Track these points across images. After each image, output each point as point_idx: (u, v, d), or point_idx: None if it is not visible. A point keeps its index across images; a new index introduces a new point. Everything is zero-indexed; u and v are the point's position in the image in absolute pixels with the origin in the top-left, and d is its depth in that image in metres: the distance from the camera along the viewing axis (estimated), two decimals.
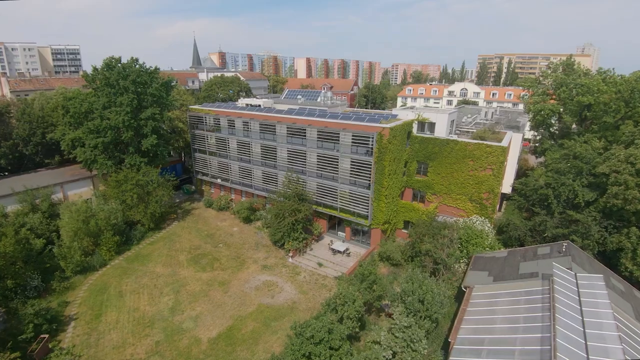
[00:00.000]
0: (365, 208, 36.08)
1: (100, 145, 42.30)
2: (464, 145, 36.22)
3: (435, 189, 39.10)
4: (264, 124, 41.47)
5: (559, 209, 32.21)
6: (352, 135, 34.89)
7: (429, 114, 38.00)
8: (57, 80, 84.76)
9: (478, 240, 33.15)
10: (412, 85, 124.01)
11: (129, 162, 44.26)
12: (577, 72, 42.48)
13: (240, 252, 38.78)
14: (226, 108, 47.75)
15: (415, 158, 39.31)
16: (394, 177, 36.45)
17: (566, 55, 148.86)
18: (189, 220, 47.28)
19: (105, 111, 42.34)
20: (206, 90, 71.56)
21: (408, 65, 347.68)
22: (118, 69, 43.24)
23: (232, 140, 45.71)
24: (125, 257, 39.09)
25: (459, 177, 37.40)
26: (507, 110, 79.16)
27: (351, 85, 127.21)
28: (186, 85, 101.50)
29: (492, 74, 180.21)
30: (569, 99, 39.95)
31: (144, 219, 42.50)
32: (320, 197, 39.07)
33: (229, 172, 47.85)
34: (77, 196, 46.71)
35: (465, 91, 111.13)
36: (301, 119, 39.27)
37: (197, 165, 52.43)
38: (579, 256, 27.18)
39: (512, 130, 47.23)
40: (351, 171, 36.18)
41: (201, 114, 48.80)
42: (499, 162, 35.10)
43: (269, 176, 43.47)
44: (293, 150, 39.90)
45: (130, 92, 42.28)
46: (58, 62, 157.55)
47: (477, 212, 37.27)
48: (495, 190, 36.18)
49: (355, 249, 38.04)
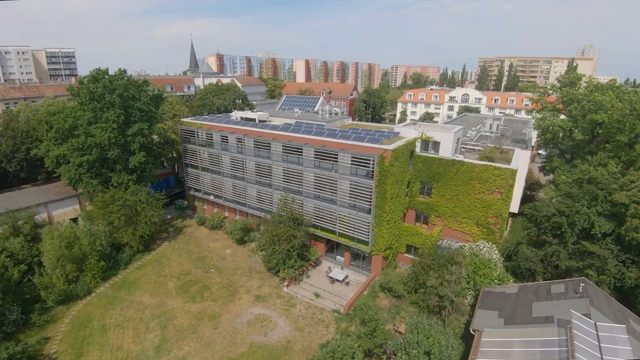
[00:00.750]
0: (366, 234, 33.88)
1: (85, 163, 40.03)
2: (470, 167, 34.05)
3: (440, 211, 36.93)
4: (259, 141, 39.25)
5: (573, 239, 30.02)
6: (351, 157, 32.69)
7: (433, 132, 35.81)
8: (48, 87, 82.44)
9: (486, 270, 30.97)
10: (413, 90, 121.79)
11: (116, 180, 42.02)
12: (588, 85, 40.32)
13: (233, 279, 36.54)
14: (219, 122, 45.51)
15: (419, 178, 37.13)
16: (396, 200, 34.26)
17: (567, 58, 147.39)
18: (180, 240, 45.05)
19: (91, 127, 40.09)
20: (201, 99, 69.27)
21: (408, 67, 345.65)
22: (104, 82, 40.95)
23: (225, 156, 43.48)
24: (112, 283, 36.89)
25: (465, 200, 35.23)
26: (511, 119, 77.08)
27: (350, 90, 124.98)
28: (182, 91, 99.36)
29: (492, 77, 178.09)
30: (581, 116, 37.80)
31: (132, 241, 40.27)
32: (318, 219, 36.87)
33: (222, 189, 45.63)
34: (64, 215, 44.54)
35: (466, 97, 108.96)
36: (297, 137, 37.07)
37: (190, 181, 50.17)
38: (596, 297, 24.99)
39: (519, 146, 45.28)
40: (350, 194, 33.98)
41: (193, 127, 46.53)
42: (508, 185, 32.93)
43: (263, 195, 41.25)
44: (289, 169, 37.69)
45: (116, 106, 39.99)
46: (53, 66, 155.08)
47: (484, 237, 35.12)
48: (503, 215, 34.03)
49: (354, 277, 35.84)
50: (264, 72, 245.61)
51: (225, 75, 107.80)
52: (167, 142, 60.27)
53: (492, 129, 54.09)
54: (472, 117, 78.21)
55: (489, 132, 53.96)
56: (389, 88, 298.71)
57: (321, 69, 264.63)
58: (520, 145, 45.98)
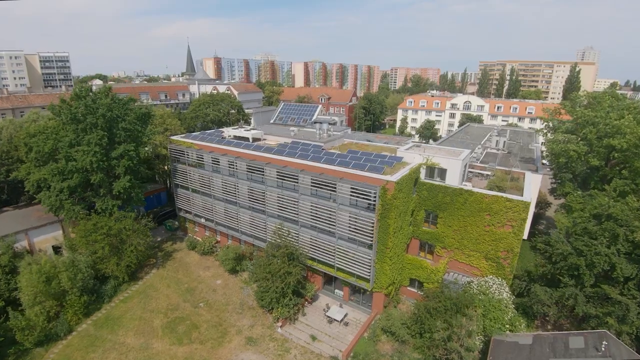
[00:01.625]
0: (367, 270, 31.32)
1: (66, 189, 37.42)
2: (480, 197, 31.49)
3: (446, 242, 34.37)
4: (252, 165, 36.66)
5: (591, 281, 27.54)
6: (350, 187, 30.12)
7: (439, 158, 33.26)
8: (37, 97, 79.73)
9: (497, 313, 28.46)
10: (413, 96, 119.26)
11: (100, 206, 39.46)
12: (603, 105, 37.82)
13: (223, 317, 33.95)
14: (210, 141, 42.91)
15: (423, 207, 34.58)
16: (399, 233, 31.72)
17: (570, 63, 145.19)
18: (169, 267, 42.47)
19: (72, 150, 37.51)
20: (194, 110, 66.62)
21: (407, 69, 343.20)
22: (86, 101, 38.35)
23: (216, 178, 40.89)
24: (95, 319, 34.37)
25: (473, 232, 32.68)
26: (516, 130, 74.75)
27: (349, 96, 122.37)
28: (176, 98, 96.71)
29: (494, 81, 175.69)
30: (597, 138, 35.31)
31: (117, 271, 37.66)
32: (315, 251, 34.31)
33: (213, 213, 43.03)
34: (46, 242, 41.96)
35: (468, 104, 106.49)
36: (293, 162, 34.54)
37: (180, 202, 47.56)
38: (619, 354, 22.49)
39: (528, 167, 42.85)
40: (350, 226, 31.41)
41: (183, 147, 43.95)
42: (520, 219, 30.37)
43: (256, 222, 38.67)
44: (284, 196, 35.12)
45: (99, 128, 37.40)
46: (47, 70, 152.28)
47: (493, 271, 32.58)
48: (514, 250, 31.45)
49: (354, 315, 33.29)
50: (262, 75, 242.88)
51: (221, 82, 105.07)
52: (157, 157, 57.80)
53: (498, 145, 51.58)
54: (476, 129, 75.84)
55: (495, 149, 51.47)
56: (389, 90, 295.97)
57: (320, 72, 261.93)
58: (530, 165, 43.56)
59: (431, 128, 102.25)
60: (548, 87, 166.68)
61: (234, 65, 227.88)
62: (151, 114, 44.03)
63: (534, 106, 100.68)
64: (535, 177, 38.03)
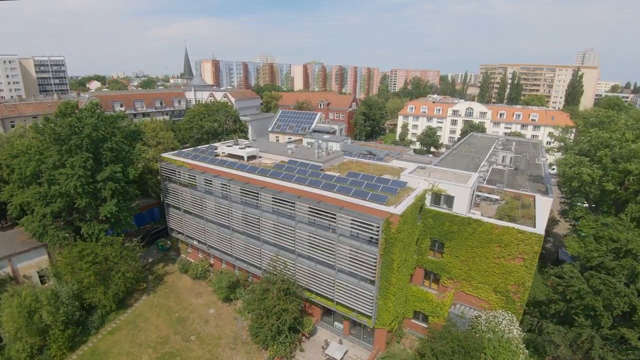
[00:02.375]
0: (369, 307, 29.24)
1: (49, 215, 35.31)
2: (489, 228, 29.41)
3: (452, 273, 32.31)
4: (246, 189, 34.55)
5: (609, 323, 25.49)
6: (351, 219, 28.02)
7: (446, 184, 31.13)
8: (28, 105, 77.53)
9: (507, 355, 26.39)
10: (414, 102, 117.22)
11: (86, 231, 37.32)
12: (617, 125, 35.77)
13: (215, 353, 31.83)
14: (203, 160, 40.80)
15: (429, 235, 32.50)
16: (403, 267, 29.65)
17: (572, 67, 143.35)
18: (160, 293, 40.35)
19: (56, 172, 35.39)
20: (188, 121, 64.46)
21: (407, 71, 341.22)
22: (71, 120, 36.23)
23: (208, 200, 38.78)
24: (80, 354, 32.37)
25: (482, 264, 30.61)
26: (521, 141, 72.71)
27: (349, 102, 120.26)
28: (172, 106, 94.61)
29: (495, 84, 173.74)
30: (612, 162, 33.26)
31: (104, 300, 35.52)
32: (313, 284, 32.22)
33: (206, 236, 40.93)
34: (30, 268, 39.77)
35: (470, 111, 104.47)
36: (289, 187, 32.44)
37: (171, 222, 45.45)
38: None
39: (537, 186, 40.82)
40: (351, 260, 29.30)
41: (174, 165, 41.84)
42: (532, 252, 28.30)
43: (251, 248, 36.58)
44: (280, 223, 33.02)
45: (84, 149, 35.26)
46: (41, 75, 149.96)
47: (502, 305, 30.50)
48: (526, 284, 29.38)
49: (355, 351, 31.22)
50: (260, 78, 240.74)
51: (218, 89, 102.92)
52: (150, 171, 55.65)
53: (505, 161, 49.48)
54: (479, 138, 73.78)
55: (501, 164, 49.38)
56: (388, 92, 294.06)
57: (319, 74, 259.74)
58: (539, 185, 41.52)
59: (432, 135, 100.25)
60: (550, 91, 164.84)
61: (233, 68, 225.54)
62: (140, 132, 41.89)
63: (537, 113, 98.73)
64: (545, 200, 35.99)
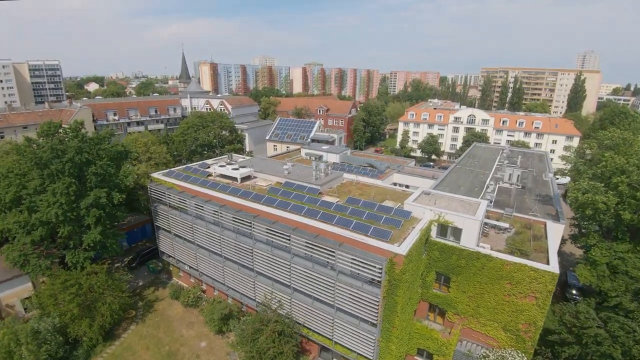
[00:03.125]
0: (370, 350, 27.08)
1: (29, 244, 33.11)
2: (500, 264, 27.27)
3: (459, 308, 30.15)
4: (238, 217, 32.34)
5: None
6: (351, 258, 25.82)
7: (453, 216, 28.95)
8: (18, 116, 75.16)
9: None
10: (415, 109, 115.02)
11: (70, 259, 35.12)
12: (634, 148, 33.55)
13: None
14: (194, 181, 38.61)
15: (434, 268, 30.35)
16: (408, 306, 27.48)
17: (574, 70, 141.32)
18: (150, 323, 38.14)
19: (37, 198, 33.21)
20: (182, 133, 62.21)
21: (407, 73, 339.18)
22: (52, 143, 34.03)
23: (199, 225, 36.60)
24: None
25: (491, 300, 28.47)
26: (526, 152, 70.60)
27: (349, 107, 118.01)
28: (167, 113, 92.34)
29: (496, 88, 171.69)
30: (629, 189, 31.06)
31: (90, 333, 33.32)
32: (310, 321, 30.03)
33: (197, 262, 38.76)
34: (14, 296, 37.48)
35: (472, 118, 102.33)
36: (284, 217, 30.22)
37: (162, 245, 43.28)
38: None
39: (547, 209, 38.76)
40: (351, 300, 27.11)
41: (164, 187, 39.64)
42: (546, 290, 26.16)
43: (244, 280, 34.39)
44: (274, 255, 30.83)
45: (66, 174, 33.05)
46: (36, 79, 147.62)
47: (512, 344, 28.37)
48: (538, 324, 27.22)
49: None
50: (259, 81, 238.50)
51: (214, 96, 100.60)
52: (142, 187, 53.44)
53: (512, 179, 47.34)
54: (483, 150, 71.75)
55: (508, 183, 47.25)
56: (388, 95, 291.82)
57: (319, 77, 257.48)
58: (548, 208, 39.44)
59: (434, 144, 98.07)
60: (552, 95, 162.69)
61: (231, 70, 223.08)
62: (128, 152, 39.68)
63: (541, 120, 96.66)
64: (557, 227, 33.89)
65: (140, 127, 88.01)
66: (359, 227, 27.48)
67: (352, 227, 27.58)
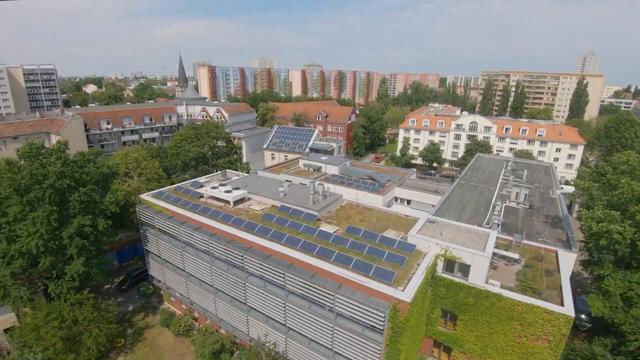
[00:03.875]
0: None
1: (9, 276, 31.05)
2: (510, 304, 25.27)
3: (465, 347, 28.17)
4: (229, 250, 30.28)
5: None
6: (351, 303, 23.76)
7: (461, 251, 26.91)
8: (8, 126, 73.01)
9: None
10: (416, 115, 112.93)
11: (53, 290, 33.07)
12: None
13: None
14: (184, 205, 36.56)
15: (440, 305, 28.38)
16: (412, 349, 25.46)
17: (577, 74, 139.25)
18: (139, 354, 36.06)
19: (17, 225, 31.19)
20: (175, 146, 60.10)
21: (407, 75, 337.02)
22: (33, 167, 31.95)
23: (189, 253, 34.56)
24: None
25: (500, 341, 26.48)
26: (532, 164, 68.66)
27: (348, 114, 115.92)
28: (162, 122, 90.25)
29: (497, 92, 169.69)
30: None
31: None
32: None
33: (187, 291, 36.73)
34: None
35: (474, 125, 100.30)
36: (278, 252, 28.11)
37: (152, 270, 41.26)
38: None
39: (557, 233, 36.78)
40: (350, 345, 25.07)
41: (152, 210, 37.61)
42: (560, 334, 24.19)
43: (237, 313, 32.34)
44: (268, 292, 28.78)
45: (47, 202, 30.98)
46: (31, 84, 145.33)
47: None
48: None
49: None
50: (258, 84, 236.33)
51: (211, 103, 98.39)
52: (133, 204, 51.40)
53: (519, 198, 45.35)
54: (486, 161, 69.78)
55: (515, 202, 45.24)
56: (388, 98, 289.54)
57: (318, 79, 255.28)
58: (558, 232, 37.45)
59: (435, 152, 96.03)
60: (554, 99, 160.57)
61: (229, 73, 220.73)
62: (115, 173, 37.65)
63: (545, 128, 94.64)
64: (569, 256, 31.87)
65: (135, 136, 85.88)
66: (359, 267, 25.42)
67: (352, 266, 25.52)
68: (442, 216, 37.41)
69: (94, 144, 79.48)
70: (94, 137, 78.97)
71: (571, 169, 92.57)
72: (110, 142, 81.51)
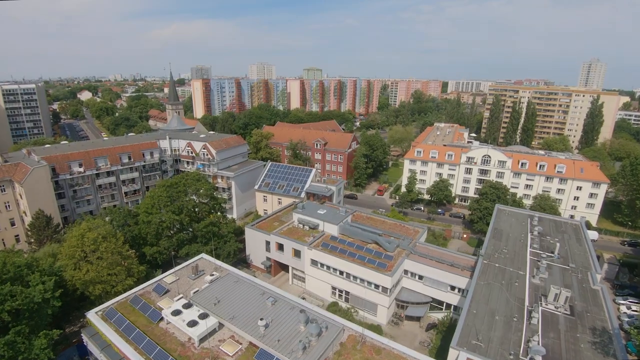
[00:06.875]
0: None
1: None
2: None
3: None
4: None
5: None
6: None
7: None
8: None
9: None
10: (422, 145, 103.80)
11: None
12: None
13: None
14: (137, 339, 27.97)
15: None
16: None
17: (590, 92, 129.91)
18: None
19: None
20: (146, 212, 51.15)
21: (408, 82, 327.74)
22: None
23: None
24: None
25: None
26: (557, 222, 60.19)
27: (348, 142, 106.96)
28: (142, 160, 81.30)
29: (505, 108, 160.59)
30: None
31: None
32: None
33: None
34: None
35: (487, 159, 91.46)
36: None
37: None
38: None
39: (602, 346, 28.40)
40: None
41: (101, 340, 29.03)
42: None
43: None
44: None
45: None
46: (11, 105, 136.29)
47: None
48: None
49: None
50: (255, 96, 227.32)
51: (197, 136, 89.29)
52: (87, 298, 42.83)
53: (558, 300, 36.67)
54: (507, 217, 61.43)
55: (553, 305, 36.68)
56: (389, 107, 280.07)
57: (317, 89, 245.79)
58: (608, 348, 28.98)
59: (444, 189, 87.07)
60: (565, 117, 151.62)
61: (225, 86, 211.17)
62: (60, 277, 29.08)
63: (564, 164, 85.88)
64: None
65: (111, 178, 76.95)
66: None
67: None
68: (469, 337, 29.75)
69: (65, 189, 70.72)
70: (64, 182, 70.25)
71: (592, 209, 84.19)
72: (84, 187, 72.82)
